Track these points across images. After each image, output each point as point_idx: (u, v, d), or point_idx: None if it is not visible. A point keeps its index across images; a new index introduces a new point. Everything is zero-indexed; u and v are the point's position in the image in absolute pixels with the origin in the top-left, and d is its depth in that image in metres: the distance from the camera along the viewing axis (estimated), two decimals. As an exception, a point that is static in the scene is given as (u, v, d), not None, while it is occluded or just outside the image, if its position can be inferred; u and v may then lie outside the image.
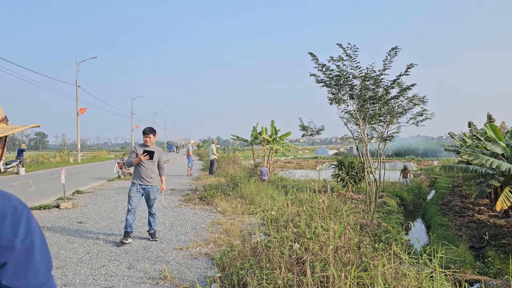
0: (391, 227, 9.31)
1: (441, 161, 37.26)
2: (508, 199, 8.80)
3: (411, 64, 8.94)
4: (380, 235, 6.69)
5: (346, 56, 8.90)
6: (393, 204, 13.07)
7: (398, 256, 3.87)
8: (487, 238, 9.01)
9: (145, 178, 6.09)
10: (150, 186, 6.15)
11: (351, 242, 4.47)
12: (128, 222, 5.99)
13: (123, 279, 4.52)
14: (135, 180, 6.12)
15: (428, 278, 3.63)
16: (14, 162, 21.98)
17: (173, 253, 5.61)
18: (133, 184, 6.13)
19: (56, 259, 5.26)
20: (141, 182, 6.09)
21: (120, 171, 17.28)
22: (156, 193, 6.25)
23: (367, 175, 10.59)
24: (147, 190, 6.15)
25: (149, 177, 6.13)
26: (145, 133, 6.16)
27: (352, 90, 9.30)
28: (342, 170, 14.82)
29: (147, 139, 6.13)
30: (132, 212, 6.00)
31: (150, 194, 6.18)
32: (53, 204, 9.70)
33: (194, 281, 4.39)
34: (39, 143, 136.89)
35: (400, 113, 9.64)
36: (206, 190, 11.62)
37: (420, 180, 21.14)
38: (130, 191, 6.11)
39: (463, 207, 13.38)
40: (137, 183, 6.08)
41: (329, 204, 7.20)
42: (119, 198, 11.11)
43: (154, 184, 6.18)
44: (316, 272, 3.71)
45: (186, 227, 7.35)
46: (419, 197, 16.63)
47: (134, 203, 6.05)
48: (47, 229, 7.13)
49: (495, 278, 6.24)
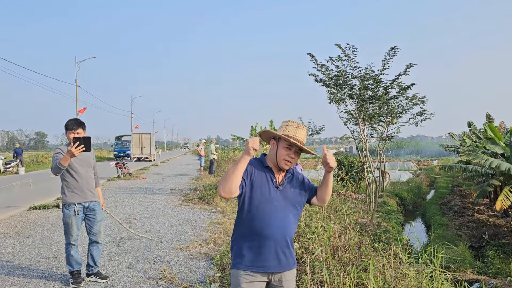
0: (391, 226, 9.31)
1: (440, 161, 37.30)
2: (507, 199, 8.80)
3: (410, 64, 8.93)
4: (380, 234, 6.69)
5: (345, 56, 8.89)
6: (392, 203, 13.07)
7: (398, 256, 3.87)
8: (487, 238, 9.01)
9: (86, 191, 4.26)
10: (94, 202, 4.36)
11: (351, 242, 4.47)
12: (74, 258, 4.26)
13: (123, 279, 4.52)
14: (70, 199, 4.19)
15: (428, 278, 3.63)
16: (14, 162, 21.98)
17: (172, 253, 5.60)
18: (68, 206, 4.19)
19: (56, 259, 5.26)
20: (80, 199, 4.22)
21: (120, 171, 17.29)
22: (102, 211, 4.49)
23: (367, 175, 10.60)
24: (91, 209, 4.32)
25: (91, 188, 4.33)
26: (70, 128, 4.15)
27: (352, 90, 9.29)
28: (342, 169, 14.81)
29: (73, 135, 4.09)
30: (75, 245, 4.27)
31: (96, 214, 4.35)
32: (53, 204, 9.70)
33: (194, 281, 4.39)
34: (39, 143, 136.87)
35: (399, 113, 9.63)
36: (205, 189, 11.62)
37: (419, 180, 21.16)
38: (66, 216, 4.19)
39: (463, 206, 13.38)
40: (74, 202, 4.19)
41: (329, 203, 7.21)
42: (119, 198, 11.11)
43: (97, 199, 4.43)
44: (316, 272, 3.72)
45: (185, 226, 7.35)
46: (419, 196, 16.63)
47: (75, 232, 4.22)
48: (47, 229, 7.13)
49: (495, 278, 6.24)
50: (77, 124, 4.19)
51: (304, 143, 2.25)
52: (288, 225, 2.26)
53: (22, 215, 8.58)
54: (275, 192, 2.25)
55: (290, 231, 2.28)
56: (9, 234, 6.80)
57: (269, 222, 2.20)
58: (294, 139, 2.21)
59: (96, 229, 4.37)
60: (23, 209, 9.35)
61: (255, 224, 2.22)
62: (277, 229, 2.21)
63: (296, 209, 2.32)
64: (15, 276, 4.62)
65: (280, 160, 2.24)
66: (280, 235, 2.21)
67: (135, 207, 9.51)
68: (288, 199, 2.28)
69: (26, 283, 4.39)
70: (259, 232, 2.22)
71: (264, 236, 2.21)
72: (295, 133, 2.24)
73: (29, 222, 7.85)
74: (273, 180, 2.28)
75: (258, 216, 2.21)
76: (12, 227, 7.36)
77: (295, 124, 2.28)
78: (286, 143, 2.23)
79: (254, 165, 2.29)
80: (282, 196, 2.26)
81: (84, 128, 4.26)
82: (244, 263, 2.22)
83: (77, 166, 4.21)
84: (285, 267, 2.26)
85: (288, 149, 2.23)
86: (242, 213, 2.28)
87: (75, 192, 4.21)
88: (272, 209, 2.22)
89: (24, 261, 5.20)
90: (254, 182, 2.23)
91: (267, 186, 2.25)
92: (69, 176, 4.19)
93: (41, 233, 6.86)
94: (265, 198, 2.22)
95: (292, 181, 2.33)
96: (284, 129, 2.27)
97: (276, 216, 2.22)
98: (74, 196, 4.20)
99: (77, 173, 4.21)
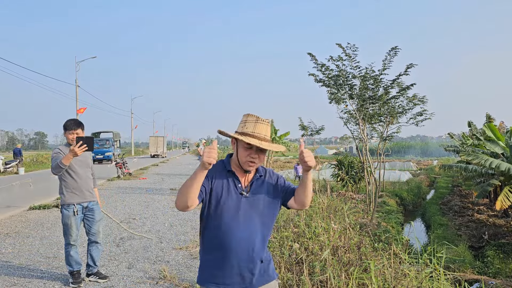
0: (391, 226, 9.31)
1: (440, 160, 37.32)
2: (507, 199, 8.80)
3: (410, 64, 8.93)
4: (380, 234, 6.69)
5: (346, 56, 8.89)
6: (392, 203, 13.07)
7: (398, 256, 3.87)
8: (487, 238, 9.02)
9: (85, 191, 4.28)
10: (93, 202, 4.38)
11: (351, 242, 4.48)
12: (73, 258, 4.27)
13: (122, 279, 4.52)
14: (69, 199, 4.19)
15: (428, 278, 3.63)
16: (14, 162, 22.00)
17: (172, 252, 5.60)
18: (66, 207, 4.20)
19: (56, 259, 5.26)
20: (79, 200, 4.23)
21: (120, 171, 17.30)
22: (100, 212, 4.51)
23: (367, 175, 10.59)
24: (90, 209, 4.34)
25: (89, 188, 4.34)
26: (70, 128, 4.18)
27: (352, 89, 9.30)
28: (342, 169, 14.81)
29: (73, 136, 4.16)
30: (75, 245, 4.28)
31: (95, 214, 4.37)
32: (53, 204, 9.70)
33: (193, 281, 4.39)
34: (39, 143, 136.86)
35: (400, 113, 9.64)
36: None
37: (419, 180, 21.16)
38: (65, 217, 4.20)
39: (463, 206, 13.38)
40: (73, 202, 4.20)
41: (329, 203, 7.21)
42: (118, 198, 11.11)
43: (96, 199, 4.44)
44: (316, 272, 3.72)
45: (185, 226, 7.35)
46: (419, 196, 16.64)
47: (75, 232, 4.23)
48: (47, 229, 7.13)
49: (495, 278, 6.24)
50: (76, 124, 4.21)
51: (267, 139, 1.98)
52: (255, 236, 1.99)
53: (22, 215, 8.57)
54: (238, 199, 2.00)
55: (258, 243, 2.01)
56: (9, 234, 6.80)
57: (231, 233, 1.96)
58: (252, 137, 1.94)
59: (95, 229, 4.37)
60: (23, 209, 9.35)
61: (215, 236, 2.00)
62: (241, 241, 1.96)
63: (267, 216, 2.05)
64: (15, 276, 4.62)
65: (243, 162, 1.99)
66: (243, 249, 1.97)
67: (135, 207, 9.51)
68: (255, 206, 2.02)
69: (26, 283, 4.39)
70: (219, 245, 1.99)
71: (224, 249, 1.97)
72: (254, 129, 1.97)
73: (29, 222, 7.85)
74: (236, 185, 2.02)
75: (218, 228, 1.98)
76: (12, 227, 7.36)
77: (254, 119, 2.00)
78: (244, 142, 1.95)
79: (216, 169, 2.03)
80: (248, 203, 2.01)
81: (83, 129, 4.27)
82: (205, 278, 2.03)
83: (76, 167, 4.20)
84: (254, 285, 2.02)
85: (248, 148, 1.96)
86: (202, 223, 2.06)
87: (74, 192, 4.20)
88: (235, 218, 1.97)
89: (24, 261, 5.20)
90: (214, 189, 1.99)
91: (228, 192, 1.99)
92: (68, 177, 4.18)
93: (41, 233, 6.86)
94: (226, 206, 1.98)
95: (262, 184, 2.07)
96: (243, 125, 2.00)
97: (239, 227, 1.97)
98: (73, 197, 4.20)
99: (76, 173, 4.21)
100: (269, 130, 2.01)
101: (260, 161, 2.00)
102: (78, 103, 31.75)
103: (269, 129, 2.01)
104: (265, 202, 2.05)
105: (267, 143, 1.97)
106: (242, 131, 1.99)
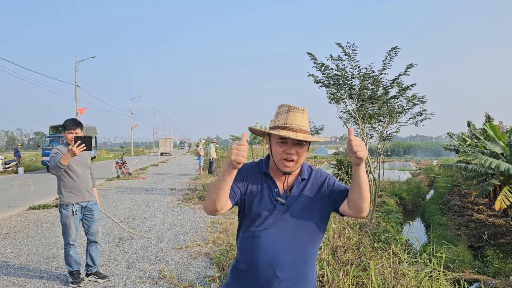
0: (390, 226, 9.32)
1: (440, 160, 37.33)
2: (507, 198, 8.80)
3: (410, 64, 8.94)
4: (379, 234, 6.69)
5: (345, 55, 8.90)
6: (392, 203, 13.08)
7: (397, 256, 3.87)
8: (486, 238, 9.02)
9: (83, 191, 4.25)
10: (92, 202, 4.36)
11: (350, 241, 4.48)
12: (73, 258, 4.25)
13: (122, 279, 4.52)
14: (68, 199, 4.17)
15: (428, 278, 3.63)
16: (13, 161, 21.99)
17: (172, 252, 5.60)
18: (65, 207, 4.17)
19: (55, 259, 5.26)
20: (78, 199, 4.21)
21: (120, 170, 17.30)
22: (99, 212, 4.50)
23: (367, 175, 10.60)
24: (89, 209, 4.32)
25: (88, 188, 4.32)
26: (69, 127, 4.15)
27: (351, 89, 9.30)
28: (342, 169, 14.79)
29: (71, 136, 4.11)
30: (74, 245, 4.25)
31: (94, 213, 4.35)
32: (53, 204, 9.69)
33: (193, 281, 4.39)
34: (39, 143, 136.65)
35: (399, 113, 9.64)
36: (205, 189, 11.63)
37: (419, 179, 21.17)
38: (64, 217, 4.18)
39: (462, 206, 13.38)
40: (72, 202, 4.18)
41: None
42: (118, 198, 11.11)
43: (95, 199, 4.43)
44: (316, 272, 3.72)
45: (185, 226, 7.35)
46: (418, 196, 16.64)
47: (74, 232, 4.20)
48: (47, 229, 7.13)
49: (494, 278, 6.25)
50: (75, 124, 4.19)
51: (303, 129, 1.65)
52: (281, 254, 1.65)
53: (21, 215, 8.57)
54: (272, 206, 1.69)
55: (289, 264, 1.65)
56: (9, 234, 6.79)
57: (263, 247, 1.66)
58: (284, 129, 1.64)
59: (94, 229, 4.37)
60: (23, 209, 9.34)
61: (246, 247, 1.72)
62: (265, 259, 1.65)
63: (308, 229, 1.69)
64: (15, 276, 4.62)
65: (278, 161, 1.68)
66: (267, 269, 1.65)
67: (134, 207, 9.51)
68: (295, 215, 1.68)
69: (25, 283, 4.39)
70: (249, 259, 1.70)
71: (254, 265, 1.67)
72: (287, 120, 1.65)
73: (29, 222, 7.84)
74: (272, 190, 1.71)
75: (249, 238, 1.70)
76: (11, 227, 7.36)
77: (286, 108, 1.69)
78: (277, 136, 1.66)
79: (251, 170, 1.76)
80: (286, 211, 1.68)
81: (82, 129, 4.26)
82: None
83: (74, 167, 4.20)
84: None
85: (282, 143, 1.65)
86: (239, 229, 1.80)
87: (73, 192, 4.19)
88: (264, 230, 1.67)
89: (23, 261, 5.20)
90: (248, 193, 1.71)
91: (261, 198, 1.70)
92: (67, 176, 4.17)
93: (41, 233, 6.86)
94: (257, 215, 1.69)
95: (305, 187, 1.73)
96: (275, 119, 1.72)
97: (273, 240, 1.66)
98: (72, 196, 4.19)
99: (75, 173, 4.20)
100: (306, 119, 1.69)
101: (300, 157, 1.67)
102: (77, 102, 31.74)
103: (305, 118, 1.69)
104: (306, 210, 1.70)
105: (303, 135, 1.63)
106: (274, 125, 1.70)
